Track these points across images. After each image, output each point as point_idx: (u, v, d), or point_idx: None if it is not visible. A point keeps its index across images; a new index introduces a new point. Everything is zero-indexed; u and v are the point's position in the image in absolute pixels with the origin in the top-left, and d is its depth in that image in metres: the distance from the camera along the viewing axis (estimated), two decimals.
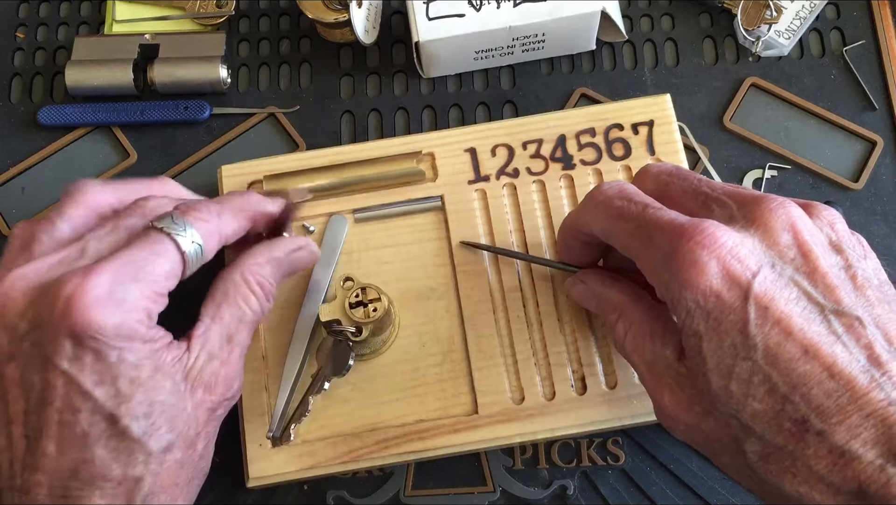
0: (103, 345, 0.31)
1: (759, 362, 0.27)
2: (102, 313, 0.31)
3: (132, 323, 0.32)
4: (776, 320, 0.27)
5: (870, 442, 0.26)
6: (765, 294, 0.28)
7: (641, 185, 0.36)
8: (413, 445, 0.43)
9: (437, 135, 0.49)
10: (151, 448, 0.33)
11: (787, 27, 0.54)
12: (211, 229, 0.36)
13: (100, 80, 0.54)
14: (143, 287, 0.32)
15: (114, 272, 0.32)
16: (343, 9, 0.53)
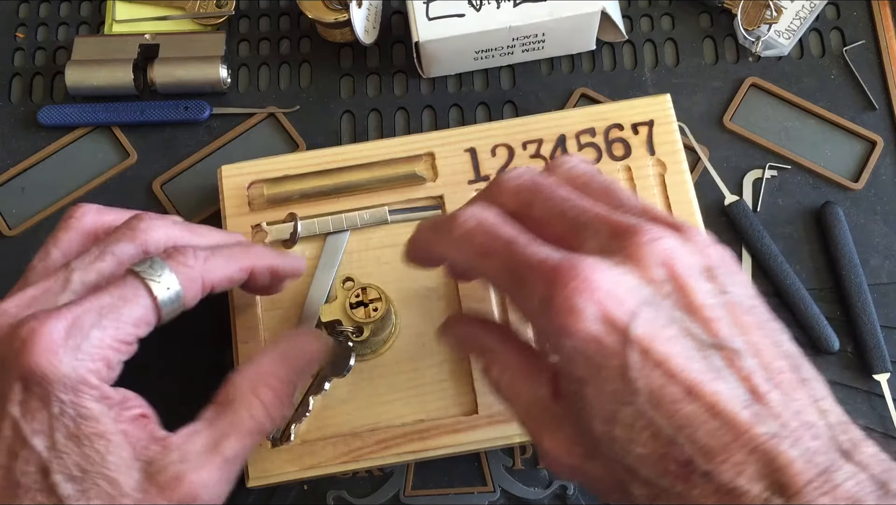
0: (48, 393, 0.29)
1: (643, 407, 0.27)
2: (50, 359, 0.29)
3: (82, 372, 0.30)
4: (657, 362, 0.27)
5: (755, 477, 0.25)
6: (644, 336, 0.27)
7: (499, 200, 0.32)
8: (413, 445, 0.43)
9: (437, 135, 0.49)
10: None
11: (787, 27, 0.54)
12: (193, 275, 0.34)
13: (100, 80, 0.54)
14: (105, 334, 0.31)
15: (74, 317, 0.30)
16: (343, 9, 0.53)
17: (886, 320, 0.48)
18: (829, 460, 0.26)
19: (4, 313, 0.32)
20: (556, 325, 0.27)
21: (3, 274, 0.52)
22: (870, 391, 0.47)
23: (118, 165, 0.54)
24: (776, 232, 0.50)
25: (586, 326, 0.27)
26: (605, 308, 0.27)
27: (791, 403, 0.27)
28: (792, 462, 0.25)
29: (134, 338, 0.32)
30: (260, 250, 0.38)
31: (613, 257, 0.28)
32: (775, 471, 0.25)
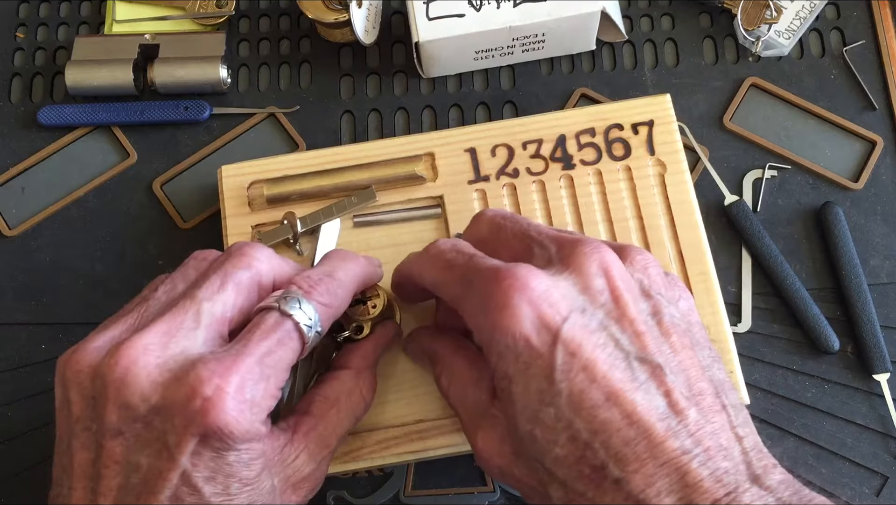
0: (229, 446, 0.30)
1: (563, 409, 0.27)
2: (237, 420, 0.30)
3: (258, 425, 0.31)
4: (582, 366, 0.27)
5: (664, 491, 0.26)
6: (573, 339, 0.28)
7: (476, 229, 0.36)
8: (413, 445, 0.43)
9: (437, 135, 0.49)
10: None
11: (787, 27, 0.54)
12: (330, 314, 0.35)
13: (100, 80, 0.54)
14: (270, 385, 0.31)
15: (247, 370, 0.31)
16: (343, 9, 0.53)
17: (886, 320, 0.48)
18: (737, 482, 0.26)
19: (147, 351, 0.30)
20: (491, 322, 0.29)
21: (4, 274, 0.52)
22: (870, 391, 0.47)
23: (118, 165, 0.54)
24: (776, 232, 0.50)
25: (519, 324, 0.28)
26: (538, 309, 0.28)
27: (707, 424, 0.27)
28: (701, 480, 0.26)
29: (284, 383, 0.33)
30: (362, 265, 0.38)
31: (556, 266, 0.30)
32: (686, 487, 0.26)
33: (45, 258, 0.52)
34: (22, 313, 0.51)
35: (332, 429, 0.36)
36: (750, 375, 0.47)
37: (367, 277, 0.39)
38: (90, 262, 0.52)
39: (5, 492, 0.47)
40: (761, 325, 0.49)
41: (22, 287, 0.51)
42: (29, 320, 0.51)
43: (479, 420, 0.32)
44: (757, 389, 0.47)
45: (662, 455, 0.26)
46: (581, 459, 0.27)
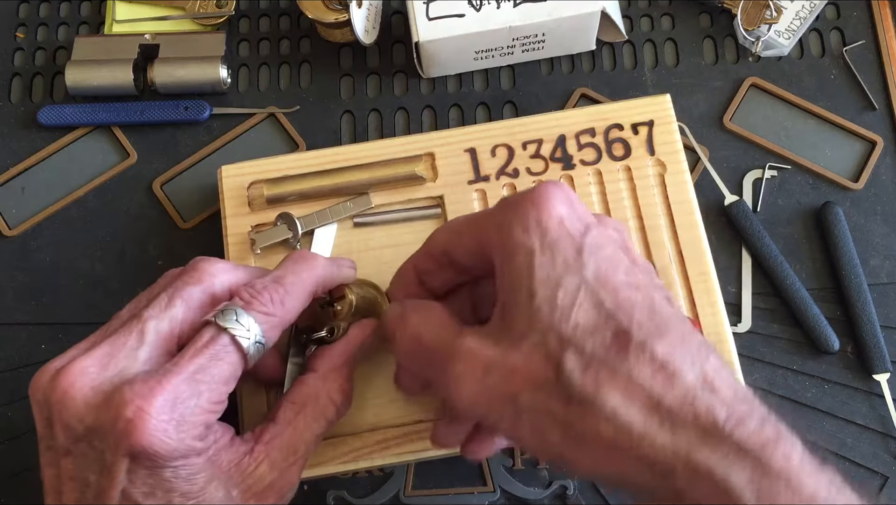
0: (161, 465, 0.31)
1: (589, 279, 0.29)
2: (161, 440, 0.30)
3: (189, 442, 0.31)
4: (608, 256, 0.30)
5: (689, 362, 0.28)
6: (599, 237, 0.31)
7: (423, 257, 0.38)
8: (413, 445, 0.43)
9: (437, 135, 0.49)
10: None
11: (787, 27, 0.54)
12: (275, 323, 0.34)
13: (100, 80, 0.54)
14: (203, 401, 0.32)
15: (173, 389, 0.31)
16: (343, 9, 0.53)
17: (886, 320, 0.48)
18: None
19: (84, 373, 0.31)
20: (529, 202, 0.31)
21: (4, 274, 0.52)
22: (870, 391, 0.47)
23: (118, 165, 0.54)
24: (776, 232, 0.50)
25: (556, 207, 0.31)
26: (574, 205, 0.31)
27: None
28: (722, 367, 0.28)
29: (226, 395, 0.33)
30: (317, 269, 0.37)
31: None
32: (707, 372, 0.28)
33: (45, 258, 0.52)
34: (22, 313, 0.51)
35: (300, 435, 0.35)
36: (750, 375, 0.47)
37: (325, 279, 0.38)
38: (90, 262, 0.52)
39: (5, 492, 0.47)
40: (761, 325, 0.49)
41: (22, 287, 0.51)
42: (29, 320, 0.51)
43: (450, 335, 0.32)
44: (757, 389, 0.47)
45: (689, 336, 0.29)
46: (603, 325, 0.28)
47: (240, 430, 0.44)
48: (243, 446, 0.34)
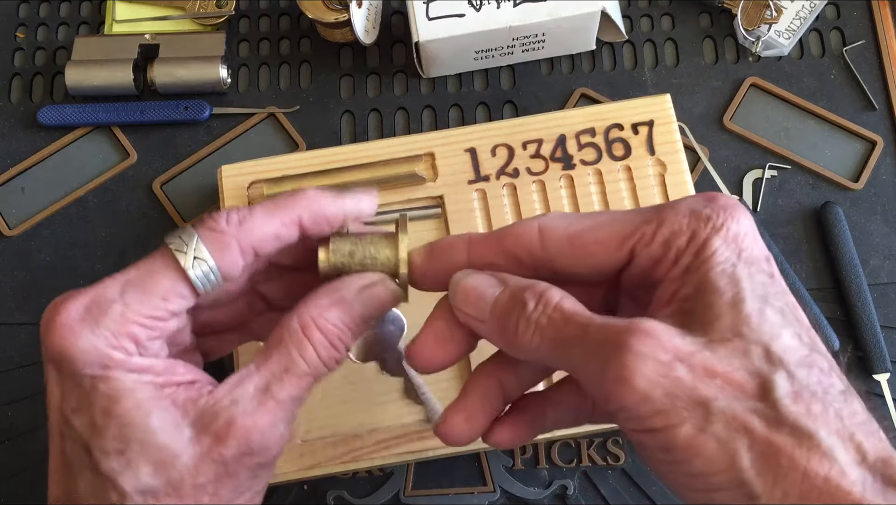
0: (76, 371, 0.29)
1: (788, 307, 0.27)
2: (68, 337, 0.29)
3: (104, 349, 0.29)
4: (787, 289, 0.28)
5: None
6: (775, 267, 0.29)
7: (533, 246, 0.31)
8: (413, 445, 0.43)
9: (437, 135, 0.49)
10: (125, 488, 0.29)
11: (787, 27, 0.54)
12: (225, 241, 0.31)
13: (100, 80, 0.54)
14: (129, 310, 0.29)
15: (95, 294, 0.29)
16: (343, 9, 0.53)
17: (886, 320, 0.48)
18: None
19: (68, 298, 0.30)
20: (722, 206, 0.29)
21: (4, 274, 0.52)
22: (870, 391, 0.47)
23: (118, 165, 0.54)
24: (776, 232, 0.50)
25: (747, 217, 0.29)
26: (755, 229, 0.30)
27: None
28: None
29: (166, 313, 0.30)
30: (311, 194, 0.33)
31: None
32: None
33: (45, 258, 0.52)
34: (22, 313, 0.51)
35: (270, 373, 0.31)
36: None
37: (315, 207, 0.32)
38: (90, 262, 0.52)
39: (5, 492, 0.47)
40: None
41: (22, 287, 0.51)
42: (29, 320, 0.51)
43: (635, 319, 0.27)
44: None
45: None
46: (808, 356, 0.27)
47: None
48: (208, 388, 0.31)
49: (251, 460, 0.30)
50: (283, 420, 0.31)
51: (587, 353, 0.27)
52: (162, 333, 0.30)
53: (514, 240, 0.31)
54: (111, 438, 0.29)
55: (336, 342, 0.32)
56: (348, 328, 0.32)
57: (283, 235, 0.32)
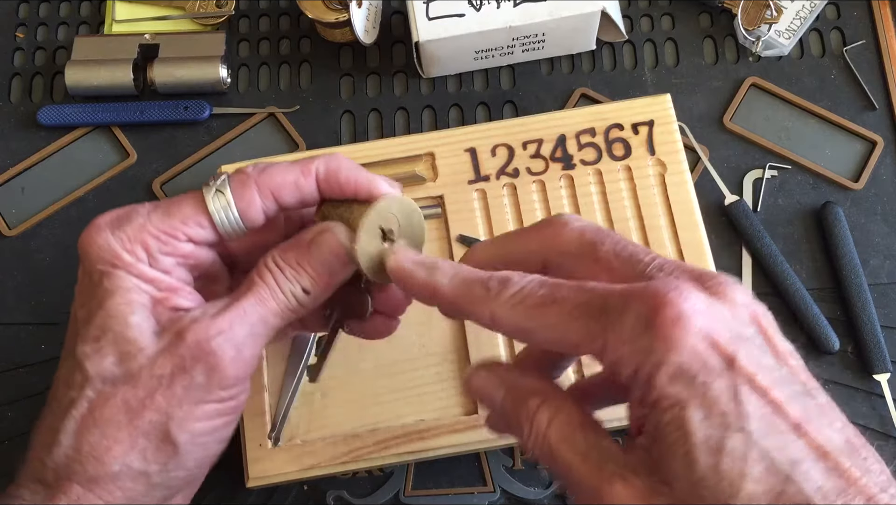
0: (89, 267, 0.32)
1: (754, 435, 0.24)
2: (91, 236, 0.32)
3: (117, 248, 0.32)
4: (763, 391, 0.25)
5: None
6: (749, 363, 0.25)
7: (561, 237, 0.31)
8: (413, 445, 0.43)
9: (437, 135, 0.49)
10: (88, 372, 0.31)
11: (788, 27, 0.54)
12: (245, 182, 0.33)
13: (100, 80, 0.54)
14: (148, 222, 0.33)
15: (127, 209, 0.33)
16: (343, 9, 0.53)
17: (886, 320, 0.48)
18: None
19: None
20: (662, 336, 0.25)
21: (4, 274, 0.52)
22: (870, 391, 0.47)
23: (118, 165, 0.54)
24: (776, 232, 0.50)
25: (694, 341, 0.25)
26: (711, 327, 0.25)
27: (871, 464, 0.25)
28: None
29: (182, 235, 0.33)
30: (333, 154, 0.35)
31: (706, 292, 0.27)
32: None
33: (45, 258, 0.52)
34: (22, 313, 0.51)
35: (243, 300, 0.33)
36: None
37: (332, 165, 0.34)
38: None
39: None
40: None
41: (22, 287, 0.51)
42: (29, 320, 0.51)
43: (609, 466, 0.28)
44: None
45: (864, 492, 0.24)
46: (781, 494, 0.24)
47: (240, 429, 0.44)
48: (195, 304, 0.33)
49: (207, 361, 0.32)
50: (243, 333, 0.33)
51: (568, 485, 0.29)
52: (175, 251, 0.33)
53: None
54: (95, 326, 0.32)
55: (292, 277, 0.34)
56: (302, 267, 0.34)
57: (301, 185, 0.34)
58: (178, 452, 0.32)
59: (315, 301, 0.34)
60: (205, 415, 0.32)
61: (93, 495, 0.31)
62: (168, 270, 0.33)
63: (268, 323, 0.33)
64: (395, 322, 0.38)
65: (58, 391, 0.33)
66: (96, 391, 0.31)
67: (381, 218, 0.34)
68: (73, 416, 0.31)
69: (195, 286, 0.34)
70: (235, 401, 0.33)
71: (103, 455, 0.31)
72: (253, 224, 0.34)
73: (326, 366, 0.40)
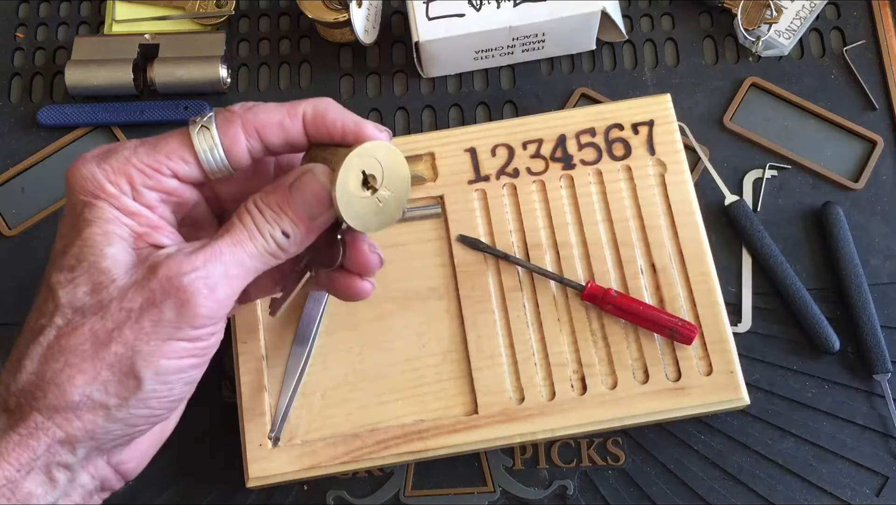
0: (73, 198, 0.33)
1: None
2: (77, 167, 0.33)
3: (100, 179, 0.32)
4: None
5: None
6: None
7: None
8: (413, 445, 0.43)
9: (437, 135, 0.49)
10: (60, 300, 0.31)
11: (788, 27, 0.54)
12: (231, 119, 0.33)
13: (100, 80, 0.54)
14: (133, 155, 0.33)
15: (115, 145, 0.33)
16: (343, 9, 0.53)
17: (887, 320, 0.48)
18: None
19: None
20: None
21: (4, 274, 0.52)
22: (870, 391, 0.47)
23: None
24: (776, 232, 0.50)
25: None
26: None
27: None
28: None
29: (166, 169, 0.33)
30: (322, 98, 0.35)
31: None
32: None
33: (45, 258, 0.52)
34: (22, 313, 0.50)
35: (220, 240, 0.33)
36: (750, 375, 0.47)
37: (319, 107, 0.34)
38: None
39: None
40: (761, 325, 0.49)
41: (22, 287, 0.51)
42: None
43: None
44: (757, 389, 0.47)
45: None
46: None
47: (239, 429, 0.44)
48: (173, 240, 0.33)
49: (178, 297, 0.31)
50: (218, 273, 0.32)
51: None
52: (158, 186, 0.33)
53: None
54: (71, 255, 0.32)
55: (272, 220, 0.33)
56: (283, 210, 0.33)
57: (287, 125, 0.34)
58: (140, 387, 0.31)
59: (296, 246, 0.34)
60: (172, 352, 0.31)
61: (51, 424, 0.31)
62: (152, 206, 0.33)
63: (244, 265, 0.33)
64: (365, 285, 0.37)
65: (30, 319, 0.33)
66: (66, 319, 0.31)
67: (363, 162, 0.33)
68: (41, 342, 0.31)
69: (182, 232, 0.34)
70: (206, 342, 0.32)
71: (65, 383, 0.30)
72: (238, 163, 0.34)
73: (287, 304, 0.38)
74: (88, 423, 0.31)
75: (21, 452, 0.30)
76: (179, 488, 0.46)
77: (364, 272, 0.37)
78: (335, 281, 0.37)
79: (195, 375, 0.33)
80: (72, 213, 0.33)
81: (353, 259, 0.36)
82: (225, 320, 0.33)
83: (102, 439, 0.32)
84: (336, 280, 0.37)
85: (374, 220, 0.34)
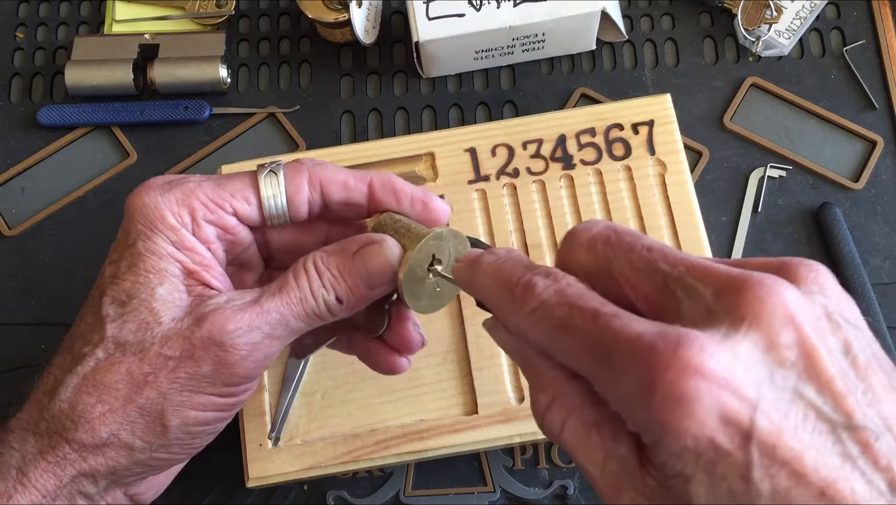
0: (129, 225, 0.33)
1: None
2: (140, 193, 0.33)
3: (162, 208, 0.32)
4: (784, 461, 0.21)
5: None
6: (771, 431, 0.21)
7: (572, 257, 0.27)
8: (413, 445, 0.43)
9: (437, 135, 0.49)
10: (107, 332, 0.32)
11: (788, 27, 0.54)
12: (298, 169, 0.34)
13: (100, 80, 0.54)
14: (198, 189, 0.33)
15: (182, 176, 0.34)
16: (343, 9, 0.53)
17: (888, 321, 0.48)
18: None
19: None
20: (660, 421, 0.22)
21: (4, 274, 0.52)
22: None
23: (118, 165, 0.54)
24: (776, 232, 0.50)
25: (699, 427, 0.21)
26: (721, 403, 0.21)
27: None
28: None
29: (229, 206, 0.33)
30: (389, 173, 0.35)
31: (723, 320, 0.23)
32: None
33: (45, 258, 0.52)
34: (22, 313, 0.51)
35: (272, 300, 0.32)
36: None
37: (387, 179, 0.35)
38: (90, 262, 0.51)
39: None
40: None
41: (22, 287, 0.51)
42: (29, 320, 0.51)
43: (624, 485, 0.24)
44: None
45: None
46: None
47: (240, 429, 0.44)
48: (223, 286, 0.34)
49: (217, 355, 0.31)
50: (262, 333, 0.32)
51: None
52: (219, 221, 0.33)
53: None
54: (122, 290, 0.32)
55: (329, 284, 0.33)
56: (342, 276, 0.33)
57: (352, 186, 0.34)
58: (166, 434, 0.32)
59: (346, 312, 0.34)
60: (202, 405, 0.32)
61: (78, 456, 0.31)
62: (208, 241, 0.33)
63: (290, 326, 0.32)
64: (402, 362, 0.37)
65: (74, 342, 0.33)
66: (107, 354, 0.31)
67: (434, 245, 0.33)
68: (78, 372, 0.32)
69: (228, 270, 0.34)
70: (236, 398, 0.33)
71: (95, 420, 0.31)
72: (297, 212, 0.34)
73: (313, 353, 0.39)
74: (111, 460, 0.32)
75: (48, 479, 0.31)
76: (179, 488, 0.46)
77: (403, 349, 0.37)
78: (370, 351, 0.37)
79: (220, 426, 0.34)
80: (124, 239, 0.33)
81: (396, 333, 0.36)
82: (259, 378, 0.34)
83: (122, 475, 0.32)
84: (371, 350, 0.37)
85: (429, 302, 0.34)
